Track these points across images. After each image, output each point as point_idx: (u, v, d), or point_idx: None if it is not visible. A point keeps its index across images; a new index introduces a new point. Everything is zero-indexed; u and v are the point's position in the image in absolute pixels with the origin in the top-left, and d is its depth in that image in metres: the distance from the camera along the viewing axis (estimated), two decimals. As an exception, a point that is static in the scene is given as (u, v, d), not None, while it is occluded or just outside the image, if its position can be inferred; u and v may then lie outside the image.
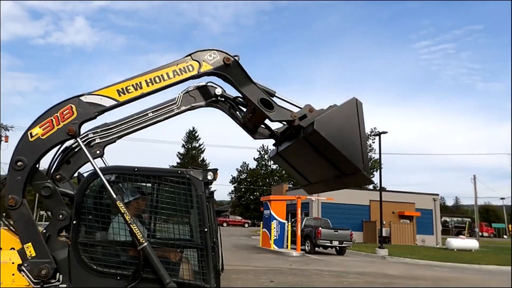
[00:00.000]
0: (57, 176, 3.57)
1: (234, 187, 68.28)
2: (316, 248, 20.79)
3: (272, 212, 20.92)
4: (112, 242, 3.29)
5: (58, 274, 3.20)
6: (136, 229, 3.21)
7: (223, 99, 3.93)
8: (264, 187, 58.12)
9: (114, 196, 3.23)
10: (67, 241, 3.30)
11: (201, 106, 4.02)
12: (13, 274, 3.13)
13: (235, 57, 3.72)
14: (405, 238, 31.87)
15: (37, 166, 3.38)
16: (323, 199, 27.22)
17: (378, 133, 25.05)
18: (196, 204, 3.60)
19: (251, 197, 64.16)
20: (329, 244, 20.22)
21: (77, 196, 3.34)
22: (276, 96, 3.90)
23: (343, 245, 20.46)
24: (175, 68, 3.62)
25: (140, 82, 3.55)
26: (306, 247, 20.90)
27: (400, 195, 34.87)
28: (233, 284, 9.53)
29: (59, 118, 3.34)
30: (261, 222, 23.20)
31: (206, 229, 3.54)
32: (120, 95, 3.51)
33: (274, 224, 20.61)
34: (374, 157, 51.44)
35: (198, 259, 3.52)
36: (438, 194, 36.32)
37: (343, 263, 16.70)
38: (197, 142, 63.04)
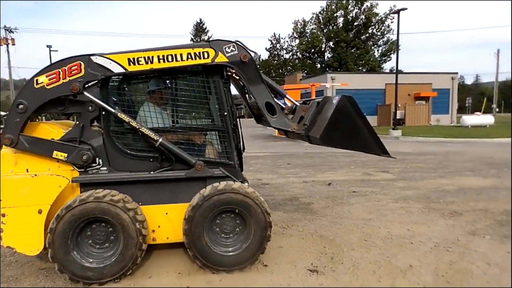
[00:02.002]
0: None
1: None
2: (331, 133, 21.45)
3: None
4: (139, 130, 3.54)
5: (97, 159, 3.55)
6: (146, 131, 3.47)
7: (238, 77, 3.82)
8: (278, 78, 57.50)
9: (113, 110, 3.45)
10: (100, 130, 3.58)
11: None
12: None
13: (253, 54, 3.65)
14: (419, 119, 32.22)
15: None
16: (337, 85, 27.02)
17: (396, 10, 23.39)
18: (214, 90, 3.75)
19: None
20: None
21: (100, 86, 3.57)
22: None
23: (357, 129, 20.94)
24: (190, 51, 3.51)
25: (152, 57, 3.46)
26: (321, 132, 21.54)
27: (417, 76, 34.15)
28: (252, 167, 10.26)
29: (66, 72, 3.37)
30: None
31: (225, 113, 3.75)
32: (129, 64, 3.45)
33: (289, 112, 21.01)
34: (392, 39, 49.14)
35: (221, 140, 3.81)
36: (457, 73, 35.35)
37: (357, 145, 17.36)
38: (206, 35, 60.78)
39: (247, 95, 4.42)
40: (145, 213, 3.55)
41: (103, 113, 3.52)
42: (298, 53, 57.75)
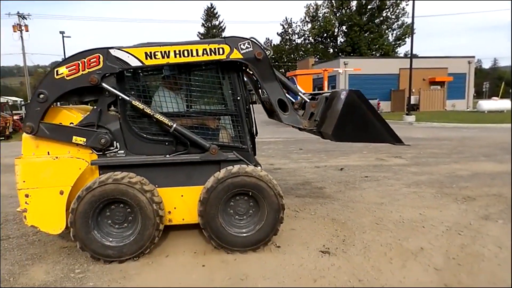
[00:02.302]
0: None
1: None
2: (344, 119, 21.31)
3: (298, 87, 21.02)
4: (153, 117, 3.63)
5: (115, 142, 3.66)
6: (160, 117, 3.56)
7: (251, 72, 3.89)
8: (289, 63, 57.02)
9: (128, 98, 3.55)
10: (117, 114, 3.68)
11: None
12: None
13: (267, 51, 3.70)
14: (434, 105, 31.70)
15: None
16: (350, 70, 26.74)
17: (412, -7, 22.75)
18: (228, 75, 3.80)
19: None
20: (356, 114, 20.55)
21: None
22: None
23: (370, 114, 20.73)
24: (206, 46, 3.58)
25: (168, 51, 3.54)
26: (334, 118, 21.41)
27: (432, 60, 33.45)
28: (264, 152, 10.33)
29: (86, 64, 3.47)
30: (289, 97, 23.51)
31: (238, 98, 3.81)
32: (146, 58, 3.53)
33: (301, 98, 20.92)
34: (406, 22, 48.00)
35: (234, 124, 3.87)
36: (474, 57, 34.47)
37: (370, 130, 17.23)
38: (217, 20, 60.35)
39: (260, 90, 4.46)
40: (161, 195, 3.66)
41: (120, 98, 3.61)
42: (310, 38, 56.94)
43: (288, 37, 62.41)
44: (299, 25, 62.17)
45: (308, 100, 4.16)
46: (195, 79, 3.83)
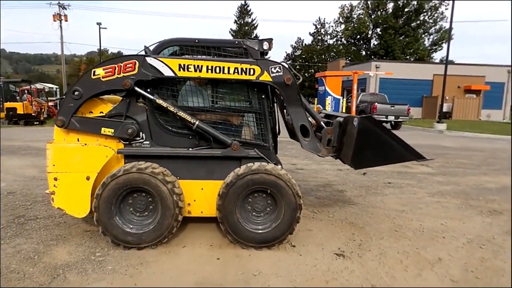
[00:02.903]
0: None
1: (288, 64, 66.96)
2: (371, 123, 20.93)
3: (326, 88, 20.87)
4: (180, 108, 3.74)
5: (141, 133, 3.80)
6: (183, 114, 3.66)
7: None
8: (320, 64, 56.39)
9: (152, 97, 3.67)
10: (144, 106, 3.81)
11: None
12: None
13: (297, 78, 3.86)
14: (468, 113, 30.65)
15: None
16: (381, 74, 26.23)
17: (451, -3, 22.01)
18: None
19: (306, 74, 63.16)
20: (384, 119, 20.15)
21: None
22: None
23: (398, 120, 20.30)
24: (237, 65, 3.67)
25: (201, 66, 3.63)
26: (361, 121, 21.06)
27: (469, 67, 32.32)
28: (288, 152, 10.33)
29: (122, 68, 3.61)
30: (316, 99, 23.36)
31: (263, 96, 3.85)
32: (179, 70, 3.63)
33: (328, 100, 20.73)
34: (444, 27, 46.50)
35: (257, 122, 3.93)
36: (514, 66, 33.01)
37: (398, 136, 16.85)
38: (250, 17, 60.48)
39: (285, 111, 4.51)
40: (182, 187, 3.76)
41: (148, 90, 3.73)
42: (343, 39, 56.14)
43: (320, 38, 61.71)
44: (332, 26, 61.39)
45: (324, 126, 4.19)
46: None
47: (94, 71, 3.64)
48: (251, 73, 3.69)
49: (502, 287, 3.01)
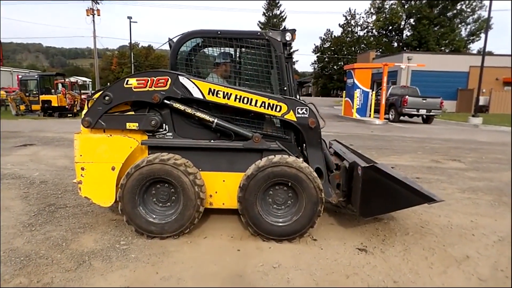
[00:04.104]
0: None
1: (317, 57, 66.17)
2: (401, 117, 20.39)
3: (355, 81, 20.42)
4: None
5: (164, 124, 3.87)
6: (200, 115, 3.71)
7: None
8: (349, 56, 55.33)
9: (169, 102, 3.76)
10: None
11: None
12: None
13: (322, 122, 3.91)
14: (506, 107, 29.13)
15: None
16: (413, 66, 25.40)
17: (489, -16, 20.92)
18: (276, 64, 3.82)
19: (335, 67, 62.12)
20: (415, 113, 19.53)
21: (171, 58, 3.86)
22: None
23: (430, 113, 19.62)
24: (265, 100, 3.69)
25: (230, 93, 3.67)
26: (390, 115, 20.57)
27: (508, 59, 30.63)
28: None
29: (154, 82, 3.68)
30: (344, 92, 22.93)
31: (285, 88, 3.82)
32: (209, 94, 3.68)
33: (357, 93, 20.29)
34: (483, 16, 44.30)
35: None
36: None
37: (429, 130, 16.37)
38: (278, 9, 60.07)
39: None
40: (204, 178, 3.80)
41: None
42: (374, 30, 54.73)
43: (350, 29, 60.52)
44: (363, 17, 60.13)
45: (332, 171, 4.16)
46: (244, 67, 3.91)
47: (128, 80, 3.74)
48: (278, 109, 3.72)
49: (502, 287, 2.86)
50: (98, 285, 2.92)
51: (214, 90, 3.68)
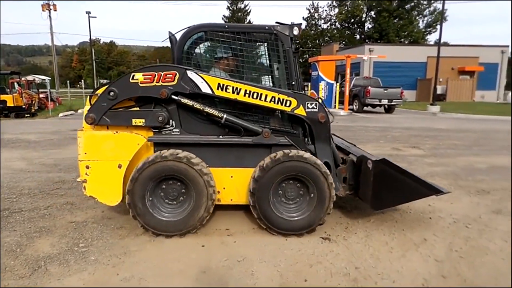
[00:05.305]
0: None
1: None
2: (365, 108, 20.94)
3: (320, 73, 20.72)
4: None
5: (171, 120, 3.77)
6: (209, 110, 3.64)
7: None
8: (314, 49, 55.99)
9: (177, 98, 3.63)
10: None
11: None
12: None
13: (331, 117, 3.81)
14: (462, 95, 30.67)
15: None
16: (375, 57, 26.08)
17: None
18: (284, 59, 3.77)
19: (300, 60, 62.56)
20: (378, 103, 20.14)
21: (176, 52, 3.76)
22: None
23: (392, 103, 20.28)
24: (275, 95, 3.61)
25: (240, 88, 3.58)
26: (354, 106, 21.09)
27: (463, 49, 32.23)
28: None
29: (161, 77, 3.56)
30: (309, 84, 23.23)
31: (293, 82, 3.79)
32: (218, 89, 3.57)
33: (322, 85, 20.60)
34: (439, 8, 46.08)
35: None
36: (508, 46, 32.96)
37: (390, 119, 16.93)
38: (243, 3, 59.69)
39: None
40: (212, 174, 3.72)
41: None
42: (337, 23, 55.59)
43: (313, 22, 61.07)
44: (325, 10, 60.72)
45: (338, 165, 4.16)
46: (248, 61, 3.82)
47: (134, 75, 3.59)
48: (287, 104, 3.67)
49: (502, 287, 3.00)
50: (55, 291, 2.80)
51: (223, 85, 3.58)
